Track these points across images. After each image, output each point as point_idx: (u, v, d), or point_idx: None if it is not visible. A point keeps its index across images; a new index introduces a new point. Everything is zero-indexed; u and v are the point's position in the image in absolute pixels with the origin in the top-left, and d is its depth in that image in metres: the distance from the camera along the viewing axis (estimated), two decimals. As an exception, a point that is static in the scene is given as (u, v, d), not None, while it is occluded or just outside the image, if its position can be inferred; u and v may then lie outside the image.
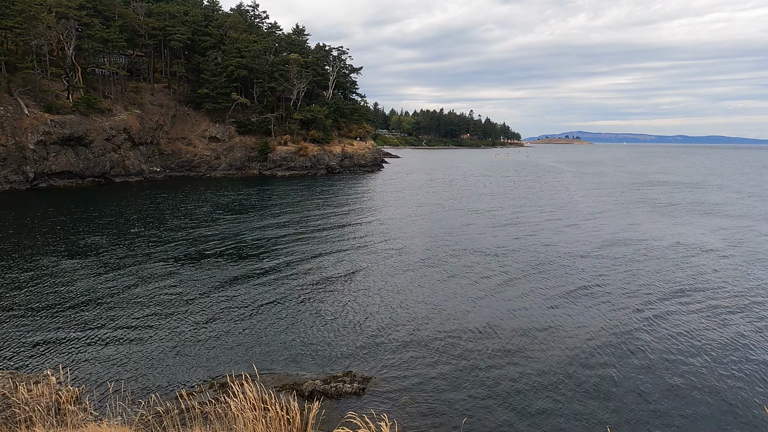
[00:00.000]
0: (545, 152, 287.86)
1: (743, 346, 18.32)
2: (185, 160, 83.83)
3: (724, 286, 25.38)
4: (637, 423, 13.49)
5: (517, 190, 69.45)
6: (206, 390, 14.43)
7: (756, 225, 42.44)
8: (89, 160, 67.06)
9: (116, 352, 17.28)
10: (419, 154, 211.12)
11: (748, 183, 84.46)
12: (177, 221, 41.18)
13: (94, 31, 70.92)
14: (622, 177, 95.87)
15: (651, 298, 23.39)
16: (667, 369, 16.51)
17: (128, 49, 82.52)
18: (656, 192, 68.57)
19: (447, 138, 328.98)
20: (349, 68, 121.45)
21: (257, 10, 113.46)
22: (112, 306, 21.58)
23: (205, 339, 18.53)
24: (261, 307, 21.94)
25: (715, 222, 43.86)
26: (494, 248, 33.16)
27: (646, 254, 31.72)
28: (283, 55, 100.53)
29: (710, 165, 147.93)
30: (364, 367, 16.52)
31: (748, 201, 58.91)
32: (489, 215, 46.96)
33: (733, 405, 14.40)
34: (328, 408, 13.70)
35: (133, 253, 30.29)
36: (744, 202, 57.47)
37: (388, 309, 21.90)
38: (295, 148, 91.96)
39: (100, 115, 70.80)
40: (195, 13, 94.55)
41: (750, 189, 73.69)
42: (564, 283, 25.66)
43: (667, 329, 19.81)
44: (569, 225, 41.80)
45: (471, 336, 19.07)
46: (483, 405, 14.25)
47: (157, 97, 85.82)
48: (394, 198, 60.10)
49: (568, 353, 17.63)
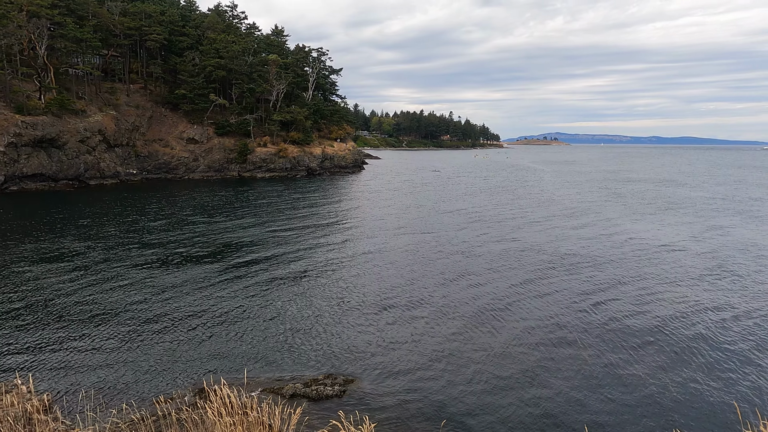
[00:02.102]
0: (524, 153, 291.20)
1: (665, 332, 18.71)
2: (162, 162, 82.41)
3: (665, 274, 25.96)
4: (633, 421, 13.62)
5: (496, 190, 70.01)
6: (183, 396, 14.09)
7: (708, 219, 43.64)
8: (63, 162, 65.40)
9: (89, 358, 16.78)
10: (400, 155, 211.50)
11: (711, 182, 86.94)
12: (152, 225, 40.39)
13: (67, 31, 69.22)
14: (595, 175, 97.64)
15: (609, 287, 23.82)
16: (604, 347, 16.75)
17: (103, 49, 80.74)
18: (624, 188, 69.96)
19: (427, 139, 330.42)
20: (328, 69, 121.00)
21: (236, 10, 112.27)
22: (83, 312, 20.99)
23: (182, 344, 18.14)
24: (239, 310, 21.59)
25: (674, 217, 44.94)
26: (474, 248, 33.31)
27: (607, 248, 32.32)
28: (262, 56, 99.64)
29: (678, 164, 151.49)
30: (345, 369, 16.36)
31: (708, 197, 60.53)
32: (469, 215, 47.18)
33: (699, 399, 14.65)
34: (309, 411, 13.50)
35: (106, 258, 29.57)
36: (705, 198, 59.05)
37: (369, 311, 21.76)
38: (275, 150, 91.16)
39: (74, 117, 69.10)
40: (172, 12, 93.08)
41: (715, 188, 75.87)
42: (551, 282, 25.88)
43: (600, 312, 20.13)
44: (545, 219, 42.30)
45: (452, 337, 19.05)
46: (463, 405, 14.21)
47: (133, 98, 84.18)
48: (375, 199, 60.01)
49: (551, 353, 17.74)
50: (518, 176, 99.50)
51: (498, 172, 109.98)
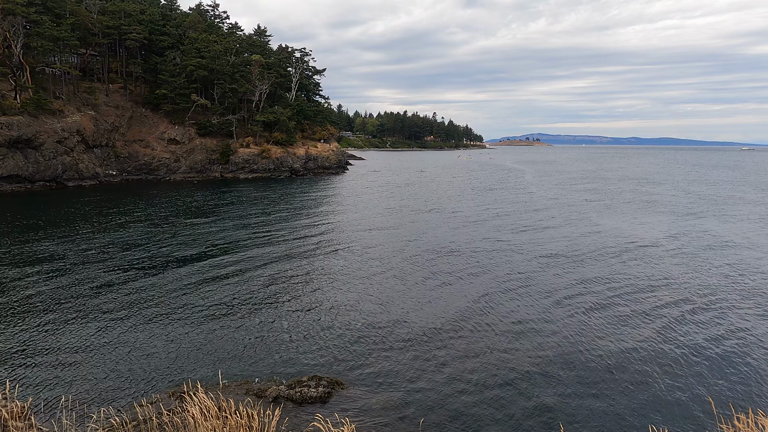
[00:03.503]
0: (506, 153, 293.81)
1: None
2: (143, 162, 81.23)
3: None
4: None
5: (479, 190, 70.52)
6: (164, 400, 13.94)
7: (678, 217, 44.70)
8: (39, 163, 64.04)
9: (67, 363, 16.49)
10: (383, 155, 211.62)
11: (684, 179, 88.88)
12: (131, 227, 39.81)
13: (44, 29, 67.77)
14: (575, 174, 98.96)
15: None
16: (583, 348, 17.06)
17: (81, 48, 79.23)
18: (603, 187, 71.12)
19: (411, 140, 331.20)
20: (312, 70, 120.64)
21: (217, 9, 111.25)
22: (60, 316, 20.61)
23: (163, 347, 17.93)
24: (220, 313, 21.41)
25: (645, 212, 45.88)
26: (457, 247, 33.51)
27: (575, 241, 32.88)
28: (245, 56, 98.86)
29: (656, 163, 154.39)
30: (330, 371, 16.34)
31: (675, 193, 61.89)
32: (453, 214, 47.44)
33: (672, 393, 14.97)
34: (292, 413, 13.47)
35: (83, 261, 29.07)
36: (672, 194, 60.36)
37: (354, 312, 21.77)
38: (257, 150, 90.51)
39: (51, 117, 67.72)
40: (152, 11, 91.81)
41: (685, 185, 77.57)
42: (535, 282, 26.16)
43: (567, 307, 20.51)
44: (524, 217, 42.76)
45: (437, 340, 19.16)
46: (444, 409, 14.32)
47: (112, 98, 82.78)
48: (359, 200, 59.97)
49: (533, 356, 17.95)
50: (500, 176, 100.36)
51: (481, 172, 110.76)
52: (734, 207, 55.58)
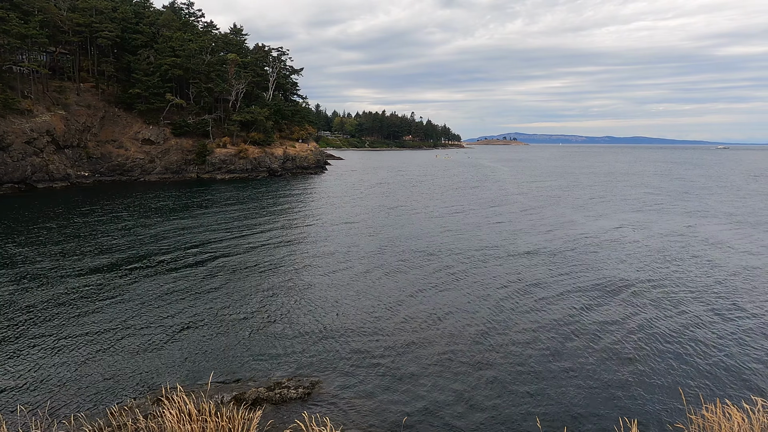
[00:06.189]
0: (484, 152, 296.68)
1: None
2: (116, 163, 79.55)
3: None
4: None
5: (457, 187, 71.07)
6: (140, 404, 13.72)
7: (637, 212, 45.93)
8: (7, 164, 62.17)
9: (37, 370, 16.07)
10: (362, 155, 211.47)
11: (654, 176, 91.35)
12: (104, 229, 38.99)
13: (11, 26, 65.78)
14: (549, 170, 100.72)
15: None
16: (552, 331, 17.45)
17: (50, 46, 77.15)
18: (577, 182, 72.54)
19: (390, 139, 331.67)
20: (289, 69, 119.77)
21: (192, 8, 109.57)
22: (30, 322, 20.08)
23: (138, 350, 17.63)
24: (197, 315, 21.15)
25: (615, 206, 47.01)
26: (436, 247, 33.74)
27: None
28: (221, 55, 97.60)
29: (624, 161, 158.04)
30: (309, 372, 16.31)
31: (639, 189, 63.61)
32: (432, 214, 47.73)
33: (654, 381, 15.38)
34: (272, 415, 13.41)
35: (54, 265, 28.36)
36: (636, 190, 62.01)
37: (333, 312, 21.75)
38: (235, 151, 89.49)
39: (19, 116, 65.81)
40: (124, 9, 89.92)
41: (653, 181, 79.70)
42: (521, 278, 26.51)
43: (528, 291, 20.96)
44: (501, 213, 43.34)
45: (416, 338, 19.27)
46: (425, 409, 14.43)
47: (83, 98, 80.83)
48: (337, 200, 59.84)
49: (511, 355, 18.21)
50: (479, 174, 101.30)
51: (459, 170, 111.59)
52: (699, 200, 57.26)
